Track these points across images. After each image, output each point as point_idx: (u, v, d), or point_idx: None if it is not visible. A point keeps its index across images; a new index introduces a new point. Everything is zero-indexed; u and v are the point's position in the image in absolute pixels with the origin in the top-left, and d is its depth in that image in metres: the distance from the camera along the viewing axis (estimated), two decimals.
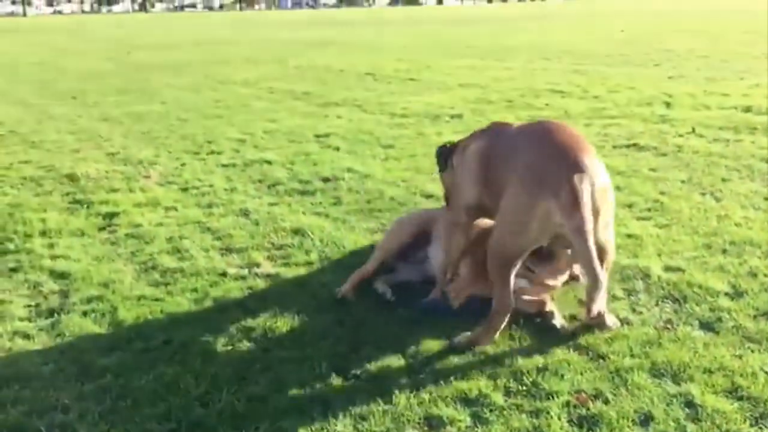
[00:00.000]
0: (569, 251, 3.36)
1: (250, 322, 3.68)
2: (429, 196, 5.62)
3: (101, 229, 5.28)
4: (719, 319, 3.43)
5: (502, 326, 3.33)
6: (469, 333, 3.35)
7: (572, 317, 3.54)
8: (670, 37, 17.29)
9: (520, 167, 3.18)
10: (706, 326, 3.39)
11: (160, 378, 3.17)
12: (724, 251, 4.18)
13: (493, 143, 3.50)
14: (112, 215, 5.55)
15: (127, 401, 3.02)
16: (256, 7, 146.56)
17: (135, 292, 4.10)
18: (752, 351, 3.15)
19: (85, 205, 5.82)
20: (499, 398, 2.92)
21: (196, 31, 29.27)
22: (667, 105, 9.01)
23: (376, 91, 11.76)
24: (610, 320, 3.41)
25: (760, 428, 2.64)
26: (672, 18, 22.61)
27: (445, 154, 3.83)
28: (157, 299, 3.99)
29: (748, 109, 8.25)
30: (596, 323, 3.35)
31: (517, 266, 3.25)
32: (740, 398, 2.82)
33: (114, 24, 36.52)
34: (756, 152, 6.43)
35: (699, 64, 12.66)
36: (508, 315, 3.31)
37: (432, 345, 3.35)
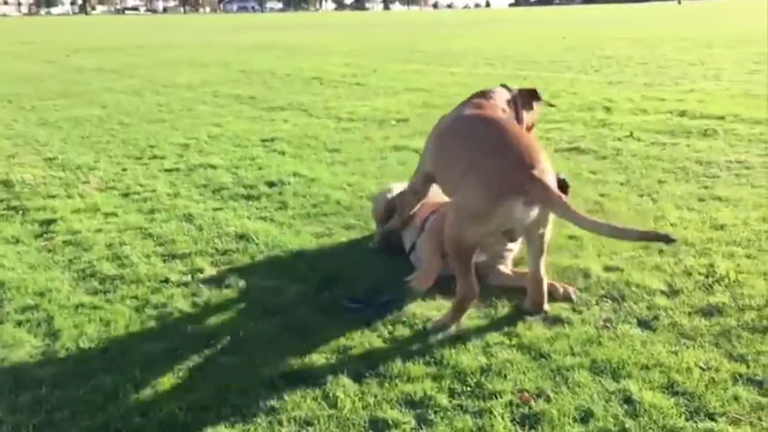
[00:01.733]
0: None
1: (192, 329, 3.61)
2: None
3: (37, 236, 5.12)
4: (656, 317, 3.53)
5: (469, 309, 3.53)
6: (439, 317, 3.54)
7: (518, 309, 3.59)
8: (610, 44, 17.75)
9: (482, 165, 3.38)
10: (643, 324, 3.48)
11: (98, 388, 3.08)
12: (661, 251, 4.30)
13: (455, 128, 3.75)
14: (49, 222, 5.39)
15: (63, 413, 2.92)
16: (201, 10, 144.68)
17: (72, 300, 3.98)
18: (687, 347, 3.24)
19: (21, 212, 5.64)
20: (443, 399, 2.93)
21: (139, 35, 28.71)
22: (607, 110, 9.24)
23: (323, 95, 11.74)
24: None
25: (695, 422, 2.72)
26: (612, 26, 23.23)
27: None
28: (95, 307, 3.88)
29: (683, 114, 8.53)
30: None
31: (475, 254, 3.44)
32: (676, 393, 2.90)
33: (53, 26, 35.52)
34: (691, 155, 6.64)
35: (637, 71, 13.02)
36: (474, 299, 3.52)
37: (378, 348, 3.35)
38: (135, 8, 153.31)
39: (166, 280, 4.22)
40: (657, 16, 24.77)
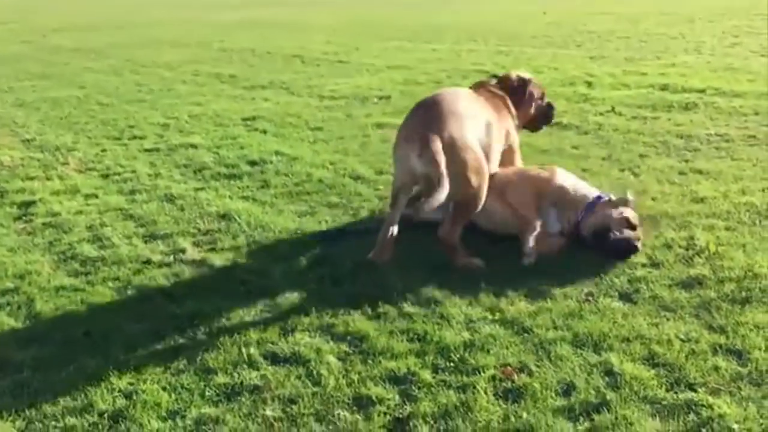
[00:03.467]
0: None
1: (175, 309, 3.60)
2: (358, 178, 5.60)
3: (16, 218, 5.07)
4: (637, 290, 3.56)
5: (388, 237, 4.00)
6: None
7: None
8: (591, 19, 17.68)
9: (406, 122, 4.10)
10: (625, 297, 3.51)
11: (81, 370, 3.08)
12: (642, 224, 4.32)
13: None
14: (28, 204, 5.34)
15: (46, 395, 2.92)
16: None
17: (53, 283, 3.95)
18: (668, 319, 3.28)
19: None
20: (427, 375, 2.95)
21: (118, 13, 28.24)
22: (589, 85, 9.22)
23: (304, 73, 11.63)
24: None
25: (676, 393, 2.75)
26: (594, 0, 23.20)
27: None
28: (76, 290, 3.86)
29: (664, 88, 8.53)
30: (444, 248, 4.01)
31: (400, 198, 4.00)
32: (656, 365, 2.94)
33: (29, 6, 34.87)
34: (672, 129, 6.66)
35: (619, 45, 13.00)
36: (392, 229, 4.01)
37: (362, 326, 3.36)
38: None
39: (148, 261, 4.20)
40: None
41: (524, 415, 2.66)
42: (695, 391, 2.75)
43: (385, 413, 2.73)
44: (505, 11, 21.59)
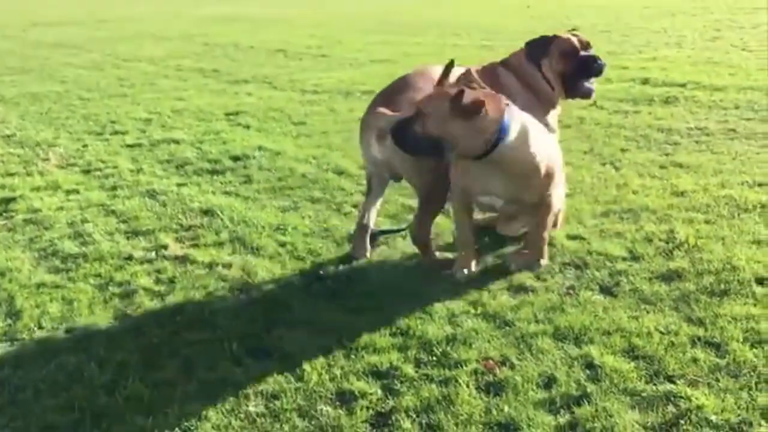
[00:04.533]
0: None
1: (157, 305, 3.59)
2: (341, 173, 5.60)
3: None
4: (617, 284, 3.59)
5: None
6: None
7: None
8: (575, 12, 17.76)
9: (367, 110, 3.88)
10: (605, 290, 3.54)
11: (62, 367, 3.06)
12: (622, 218, 4.36)
13: None
14: (8, 200, 5.29)
15: (26, 393, 2.90)
16: None
17: (34, 279, 3.92)
18: (648, 312, 3.31)
19: None
20: (409, 369, 2.96)
21: (99, 8, 27.98)
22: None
23: (287, 67, 11.59)
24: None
25: (655, 385, 2.78)
26: None
27: None
28: (57, 286, 3.83)
29: (645, 82, 8.59)
30: None
31: (373, 185, 4.02)
32: (636, 357, 2.97)
33: (8, 0, 34.45)
34: (653, 123, 6.71)
35: (601, 39, 13.05)
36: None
37: (344, 321, 3.36)
38: None
39: (130, 258, 4.18)
40: None
41: (506, 408, 2.68)
42: (674, 382, 2.78)
43: (367, 408, 2.74)
44: (488, 5, 21.61)
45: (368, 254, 4.04)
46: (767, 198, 4.55)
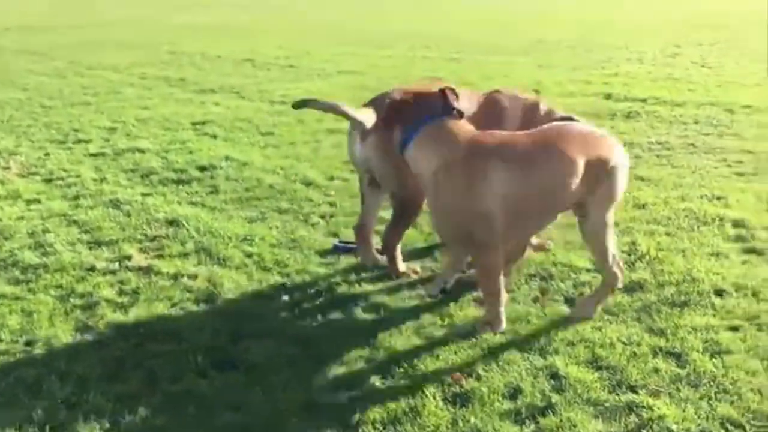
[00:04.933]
0: None
1: (120, 317, 3.54)
2: (309, 184, 5.59)
3: None
4: (581, 294, 3.64)
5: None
6: None
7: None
8: (542, 27, 18.03)
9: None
10: (570, 301, 3.59)
11: (21, 381, 3.00)
12: None
13: None
14: None
15: None
16: None
17: None
18: (610, 323, 3.36)
19: None
20: (376, 381, 2.96)
21: (62, 13, 27.55)
22: (537, 92, 9.37)
23: (255, 77, 11.54)
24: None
25: (617, 395, 2.83)
26: (547, 7, 23.70)
27: None
28: (17, 298, 3.75)
29: (608, 97, 8.75)
30: None
31: (362, 194, 3.98)
32: (600, 368, 3.01)
33: None
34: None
35: (566, 54, 13.29)
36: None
37: (311, 332, 3.35)
38: None
39: (92, 269, 4.11)
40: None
41: (472, 419, 2.70)
42: (636, 392, 2.83)
43: (335, 419, 2.73)
44: (457, 17, 21.82)
45: (379, 261, 3.99)
46: (725, 211, 4.67)
